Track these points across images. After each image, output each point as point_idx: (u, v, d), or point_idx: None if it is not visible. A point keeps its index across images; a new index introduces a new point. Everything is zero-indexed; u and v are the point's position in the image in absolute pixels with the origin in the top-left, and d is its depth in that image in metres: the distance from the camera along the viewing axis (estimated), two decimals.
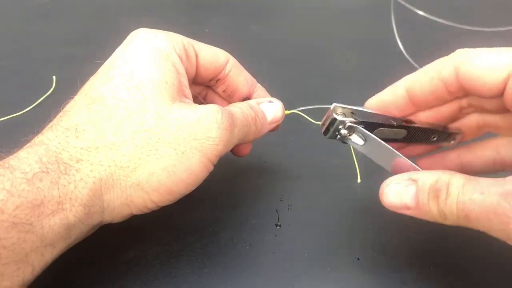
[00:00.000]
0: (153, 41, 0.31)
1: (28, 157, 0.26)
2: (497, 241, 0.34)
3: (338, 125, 0.29)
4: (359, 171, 0.39)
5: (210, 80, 0.36)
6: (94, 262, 0.33)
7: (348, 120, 0.29)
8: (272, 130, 0.37)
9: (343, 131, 0.29)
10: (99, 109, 0.29)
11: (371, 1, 0.71)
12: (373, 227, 0.36)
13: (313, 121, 0.38)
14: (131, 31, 0.32)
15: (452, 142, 0.35)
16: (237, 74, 0.36)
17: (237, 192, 0.39)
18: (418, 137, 0.33)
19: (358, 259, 0.34)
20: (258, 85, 0.38)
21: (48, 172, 0.26)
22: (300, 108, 0.39)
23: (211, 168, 0.30)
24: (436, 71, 0.29)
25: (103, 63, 0.32)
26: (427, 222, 0.36)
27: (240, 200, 0.38)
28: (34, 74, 0.54)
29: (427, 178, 0.26)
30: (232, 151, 0.37)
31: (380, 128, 0.31)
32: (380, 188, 0.29)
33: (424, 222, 0.36)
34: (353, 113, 0.30)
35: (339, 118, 0.29)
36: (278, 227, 0.36)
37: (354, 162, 0.38)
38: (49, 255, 0.26)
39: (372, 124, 0.30)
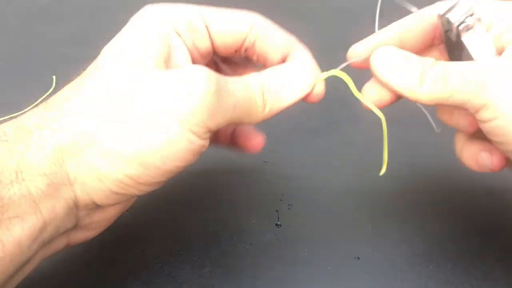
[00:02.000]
0: (147, 16, 0.29)
1: None
2: (498, 241, 0.34)
3: (469, 11, 0.28)
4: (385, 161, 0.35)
5: (236, 51, 0.32)
6: (94, 261, 0.33)
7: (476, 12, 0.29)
8: (309, 101, 0.31)
9: (470, 20, 0.28)
10: (77, 82, 0.27)
11: None
12: (373, 227, 0.36)
13: (354, 90, 0.31)
14: None
15: None
16: (266, 40, 0.31)
17: (237, 192, 0.39)
18: None
19: (358, 258, 0.34)
20: (298, 47, 0.31)
21: (7, 140, 0.25)
22: (343, 65, 0.31)
23: (196, 141, 0.26)
24: (428, 20, 0.30)
25: None
26: (427, 222, 0.36)
27: (240, 200, 0.38)
28: (34, 74, 0.54)
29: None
30: (239, 145, 0.34)
31: None
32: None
33: (424, 222, 0.36)
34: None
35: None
36: (278, 227, 0.36)
37: (384, 149, 0.34)
38: (18, 230, 0.24)
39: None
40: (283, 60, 0.31)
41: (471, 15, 0.29)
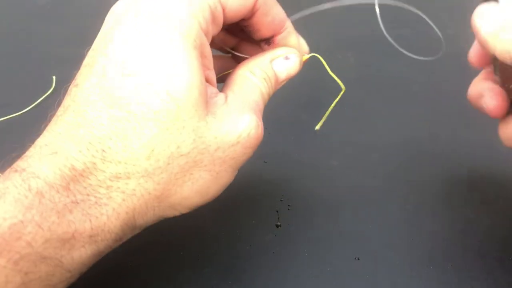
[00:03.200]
0: (172, 13, 0.25)
1: (55, 182, 0.23)
2: (498, 241, 0.34)
3: None
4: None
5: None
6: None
7: None
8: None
9: None
10: (124, 118, 0.24)
11: None
12: (373, 227, 0.36)
13: (328, 69, 0.33)
14: None
15: None
16: (264, 14, 0.29)
17: (237, 192, 0.39)
18: None
19: (358, 259, 0.34)
20: (288, 24, 0.31)
21: (77, 202, 0.24)
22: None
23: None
24: None
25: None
26: (427, 221, 0.36)
27: (240, 200, 0.38)
28: (34, 74, 0.54)
29: None
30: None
31: None
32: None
33: (424, 221, 0.36)
34: None
35: None
36: (278, 227, 0.36)
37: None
38: (74, 280, 0.25)
39: None
40: (273, 37, 0.31)
41: None
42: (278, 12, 0.30)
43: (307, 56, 0.33)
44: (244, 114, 0.27)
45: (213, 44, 0.33)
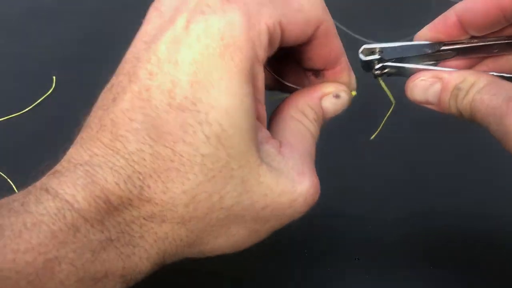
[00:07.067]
0: (229, 36, 0.21)
1: (90, 215, 0.21)
2: (498, 242, 0.34)
3: (368, 66, 0.30)
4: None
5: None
6: None
7: (376, 61, 0.30)
8: None
9: (376, 72, 0.30)
10: (167, 156, 0.22)
11: None
12: (373, 227, 0.36)
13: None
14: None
15: None
16: (323, 44, 0.26)
17: None
18: (473, 53, 0.31)
19: (358, 259, 0.34)
20: (344, 60, 0.28)
21: (112, 240, 0.22)
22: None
23: None
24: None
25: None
26: (427, 222, 0.36)
27: None
28: (34, 74, 0.54)
29: (453, 78, 0.27)
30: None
31: (414, 57, 0.31)
32: (407, 82, 0.29)
33: (424, 222, 0.36)
34: (381, 51, 0.30)
35: (365, 58, 0.30)
36: None
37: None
38: None
39: (401, 58, 0.30)
40: (324, 70, 0.28)
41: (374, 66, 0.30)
42: (336, 45, 0.27)
43: (354, 93, 0.30)
44: (305, 176, 0.25)
45: None
